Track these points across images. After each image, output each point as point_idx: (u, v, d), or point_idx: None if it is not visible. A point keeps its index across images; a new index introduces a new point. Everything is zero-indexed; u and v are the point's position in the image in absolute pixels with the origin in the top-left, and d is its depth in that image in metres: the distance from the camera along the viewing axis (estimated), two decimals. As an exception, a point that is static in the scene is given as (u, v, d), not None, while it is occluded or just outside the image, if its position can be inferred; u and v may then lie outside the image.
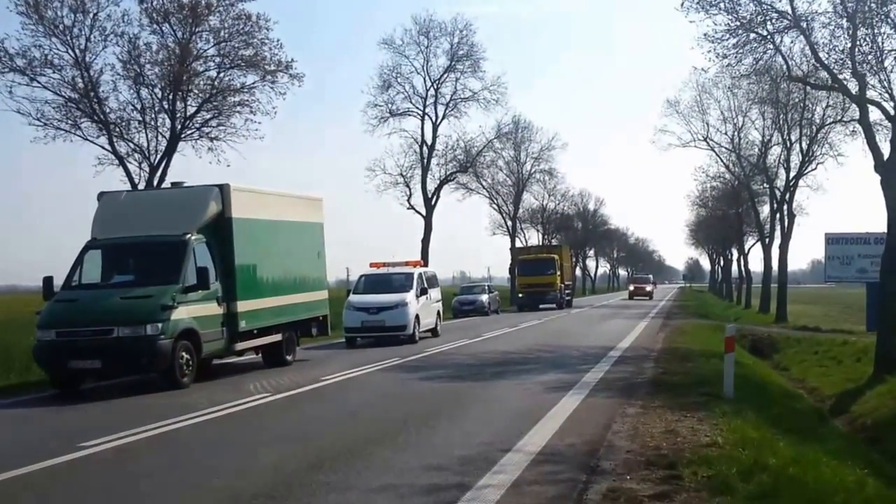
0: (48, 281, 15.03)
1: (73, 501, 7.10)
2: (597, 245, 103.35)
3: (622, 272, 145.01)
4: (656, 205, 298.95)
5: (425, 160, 47.60)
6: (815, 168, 43.17)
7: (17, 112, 24.36)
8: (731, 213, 61.14)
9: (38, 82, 24.45)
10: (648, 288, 73.77)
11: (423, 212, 47.50)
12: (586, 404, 11.63)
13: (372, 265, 26.67)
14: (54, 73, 24.49)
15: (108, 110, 25.48)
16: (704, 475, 7.15)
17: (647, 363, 17.01)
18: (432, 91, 47.51)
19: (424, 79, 47.40)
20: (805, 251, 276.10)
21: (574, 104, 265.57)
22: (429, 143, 47.77)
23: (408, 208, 47.56)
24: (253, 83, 26.46)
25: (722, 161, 51.06)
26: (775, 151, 46.49)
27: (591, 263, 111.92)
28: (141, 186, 25.17)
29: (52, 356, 13.93)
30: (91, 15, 24.34)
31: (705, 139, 48.18)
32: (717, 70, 25.20)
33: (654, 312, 42.55)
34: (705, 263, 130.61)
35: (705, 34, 20.88)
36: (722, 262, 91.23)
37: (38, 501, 7.15)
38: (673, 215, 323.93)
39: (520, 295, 49.92)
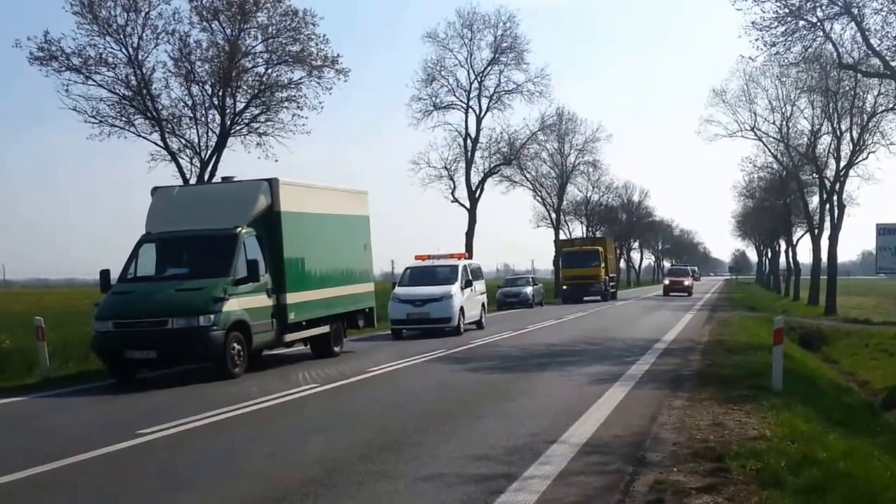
0: (105, 274, 15.36)
1: (134, 486, 7.26)
2: (641, 237, 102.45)
3: (667, 264, 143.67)
4: (702, 196, 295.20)
5: (469, 153, 47.60)
6: (867, 157, 42.35)
7: (73, 110, 24.90)
8: (778, 203, 60.13)
9: (94, 80, 24.97)
10: (687, 282, 59.76)
11: (468, 204, 47.53)
12: (632, 396, 11.58)
13: (417, 258, 26.78)
14: (108, 71, 25.02)
15: (160, 107, 25.94)
16: (753, 468, 7.10)
17: (694, 355, 16.86)
18: (476, 84, 47.50)
19: (468, 71, 47.40)
20: (855, 242, 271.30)
21: (619, 95, 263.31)
22: (473, 135, 47.76)
23: (452, 201, 47.65)
24: (300, 79, 26.75)
25: (770, 151, 50.30)
26: (825, 141, 45.69)
27: (635, 255, 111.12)
28: (192, 181, 25.57)
29: (110, 346, 14.22)
30: (143, 14, 24.80)
31: (752, 129, 47.40)
32: (764, 58, 24.87)
33: (699, 305, 42.12)
34: (752, 255, 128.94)
35: (753, 22, 20.61)
36: (769, 254, 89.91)
37: (100, 486, 7.32)
38: (719, 207, 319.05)
39: (564, 287, 49.72)
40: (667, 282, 61.99)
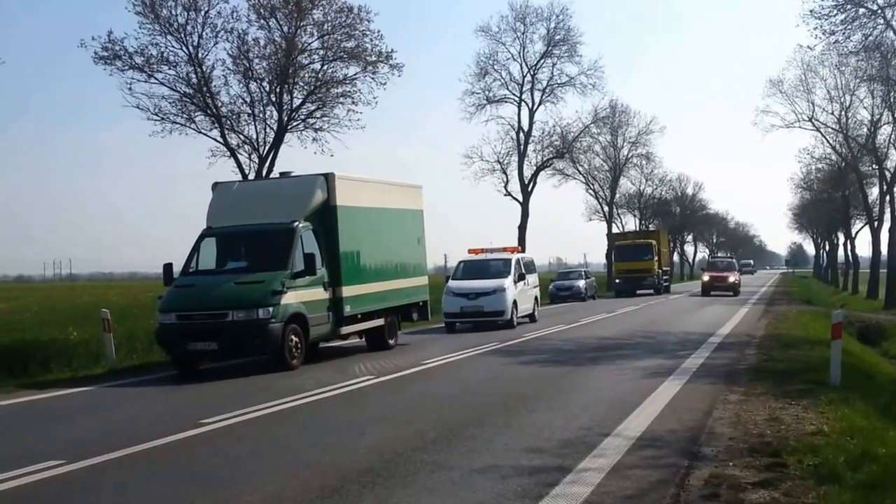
0: (168, 268, 15.71)
1: (197, 474, 7.43)
2: (695, 230, 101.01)
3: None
4: (758, 188, 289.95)
5: (522, 146, 47.52)
6: (928, 147, 41.23)
7: (136, 107, 25.44)
8: (837, 195, 58.89)
9: (156, 79, 25.50)
10: (733, 278, 45.75)
11: (520, 198, 47.46)
12: (686, 390, 11.48)
13: (470, 251, 26.82)
14: (170, 69, 25.51)
15: (219, 104, 26.38)
16: (810, 463, 7.00)
17: (749, 350, 16.63)
18: (529, 77, 47.45)
19: (521, 65, 47.35)
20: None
21: (672, 87, 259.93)
22: (525, 129, 47.69)
23: (505, 195, 47.65)
24: (355, 74, 26.97)
25: (828, 142, 49.25)
26: (885, 131, 44.67)
27: (689, 249, 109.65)
28: (251, 176, 25.94)
29: (173, 338, 14.53)
30: (203, 13, 25.23)
31: (810, 119, 46.46)
32: (823, 47, 24.45)
33: (754, 298, 41.46)
34: (809, 248, 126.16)
35: (811, 10, 20.25)
36: (827, 247, 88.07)
37: (165, 473, 7.51)
38: (775, 199, 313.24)
39: (617, 280, 49.35)
40: (705, 278, 46.46)
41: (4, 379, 13.75)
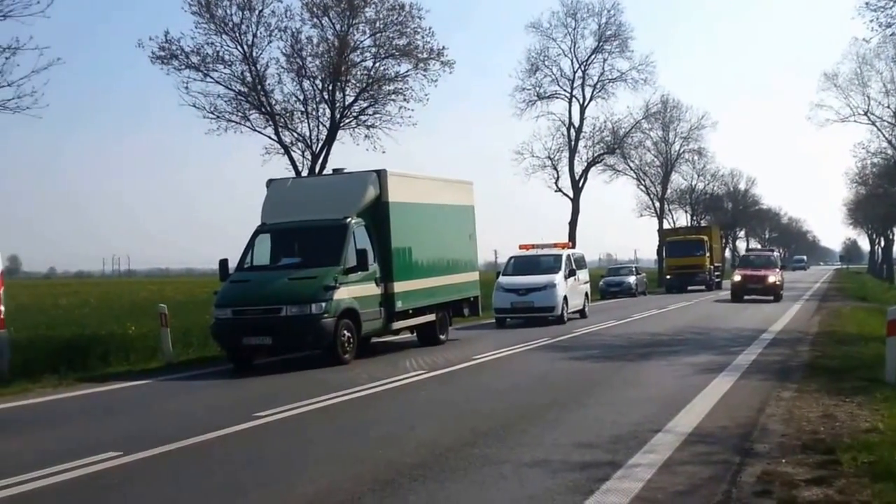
0: (224, 263, 15.92)
1: (252, 466, 7.52)
2: (747, 225, 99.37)
3: (774, 253, 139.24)
4: (812, 183, 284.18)
5: (573, 142, 47.20)
6: None
7: (192, 106, 25.79)
8: (893, 190, 57.39)
9: (211, 77, 25.80)
10: (772, 278, 34.17)
11: (571, 194, 47.16)
12: (738, 386, 11.31)
13: (521, 247, 26.75)
14: (225, 68, 25.80)
15: (273, 102, 26.61)
16: (865, 461, 6.84)
17: (802, 346, 16.32)
18: (580, 73, 47.08)
19: (572, 61, 46.99)
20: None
21: (725, 82, 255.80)
22: (576, 125, 47.35)
23: (555, 191, 47.36)
24: (406, 72, 26.99)
25: (884, 136, 47.88)
26: (944, 125, 43.33)
27: (741, 244, 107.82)
28: (304, 173, 26.16)
29: (228, 333, 14.72)
30: (257, 12, 25.46)
31: (866, 113, 45.31)
32: (879, 40, 23.82)
33: (808, 295, 40.68)
34: (864, 244, 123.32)
35: (867, 2, 19.73)
36: (882, 243, 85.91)
37: (221, 466, 7.61)
38: (829, 194, 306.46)
39: (668, 276, 48.80)
40: (736, 277, 35.09)
41: (65, 372, 14.05)
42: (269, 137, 26.91)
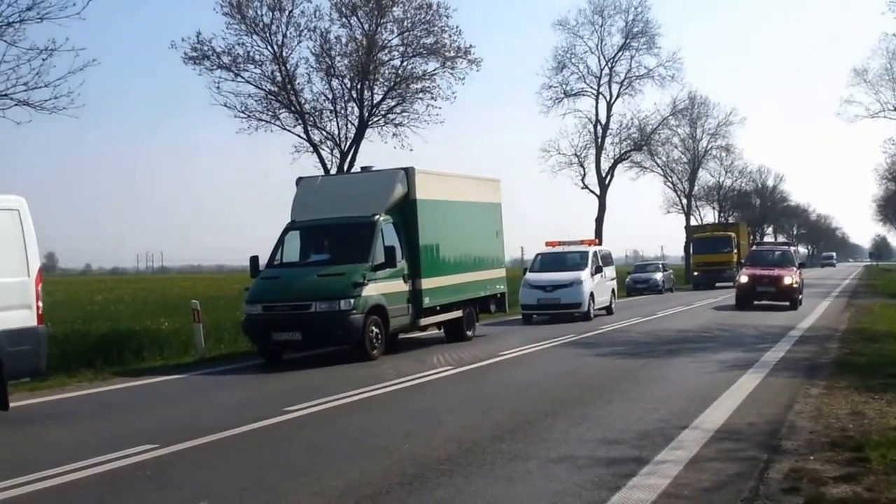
0: (254, 260, 16.04)
1: (282, 458, 7.58)
2: (776, 222, 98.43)
3: (802, 250, 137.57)
4: (841, 180, 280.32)
5: (599, 140, 46.99)
6: None
7: (224, 105, 26.00)
8: (924, 187, 56.54)
9: (242, 77, 26.02)
10: (788, 279, 26.38)
11: (597, 191, 46.94)
12: (766, 383, 11.21)
13: (548, 244, 26.68)
14: (256, 68, 26.01)
15: (303, 101, 26.77)
16: (894, 458, 6.75)
17: (831, 343, 16.14)
18: (606, 70, 46.87)
19: (599, 58, 46.79)
20: None
21: (753, 78, 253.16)
22: (603, 122, 47.16)
23: (582, 188, 47.18)
24: (434, 70, 27.04)
25: (915, 132, 47.22)
26: (975, 121, 42.52)
27: (769, 241, 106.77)
28: (333, 171, 26.28)
29: (259, 328, 14.84)
30: (287, 12, 25.65)
31: (896, 109, 44.58)
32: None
33: (836, 292, 40.19)
34: (894, 240, 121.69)
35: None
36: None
37: (252, 458, 7.68)
38: (859, 190, 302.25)
39: (695, 273, 48.44)
40: (743, 278, 27.41)
41: (101, 366, 14.25)
42: (299, 136, 27.10)
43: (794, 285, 25.97)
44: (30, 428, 9.54)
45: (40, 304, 10.22)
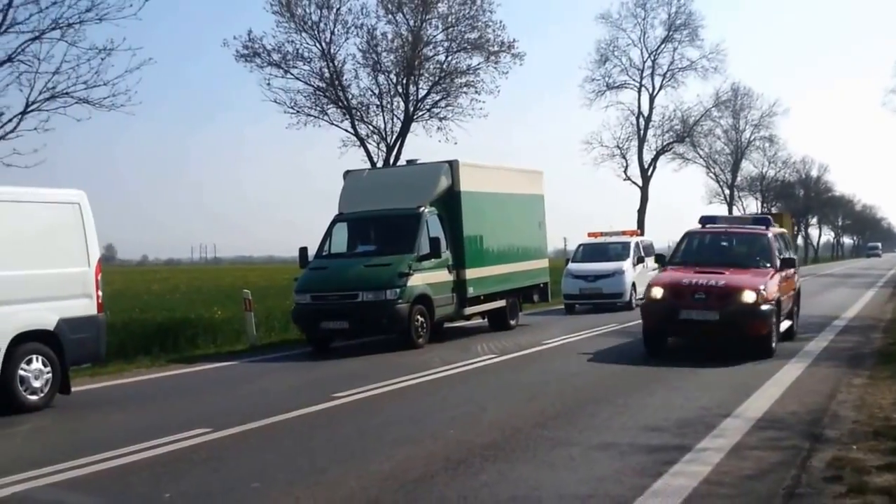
0: (303, 251, 16.19)
1: (331, 442, 7.66)
2: (820, 213, 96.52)
3: (847, 240, 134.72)
4: (887, 170, 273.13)
5: (642, 131, 46.52)
6: None
7: (274, 101, 26.26)
8: (971, 177, 54.98)
9: (291, 74, 26.26)
10: (748, 294, 12.02)
11: (640, 182, 46.51)
12: (809, 373, 11.03)
13: (590, 235, 26.50)
14: (304, 65, 26.24)
15: (350, 96, 26.93)
16: (938, 448, 6.61)
17: (875, 333, 15.81)
18: (649, 62, 46.36)
19: (641, 51, 46.28)
20: None
21: (797, 68, 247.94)
22: (645, 114, 46.67)
23: (624, 179, 46.75)
24: (478, 64, 27.01)
25: (961, 122, 45.90)
26: None
27: (813, 232, 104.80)
28: (379, 165, 26.39)
29: (308, 317, 14.98)
30: (335, 10, 25.80)
31: (943, 98, 43.24)
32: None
33: (881, 282, 39.30)
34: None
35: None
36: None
37: (302, 442, 7.77)
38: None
39: (738, 263, 47.62)
40: (656, 292, 12.80)
41: (157, 353, 14.51)
42: (346, 130, 27.27)
43: (763, 306, 12.20)
44: (90, 411, 9.76)
45: (100, 293, 10.46)
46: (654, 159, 47.46)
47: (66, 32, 15.58)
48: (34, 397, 9.59)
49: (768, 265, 13.35)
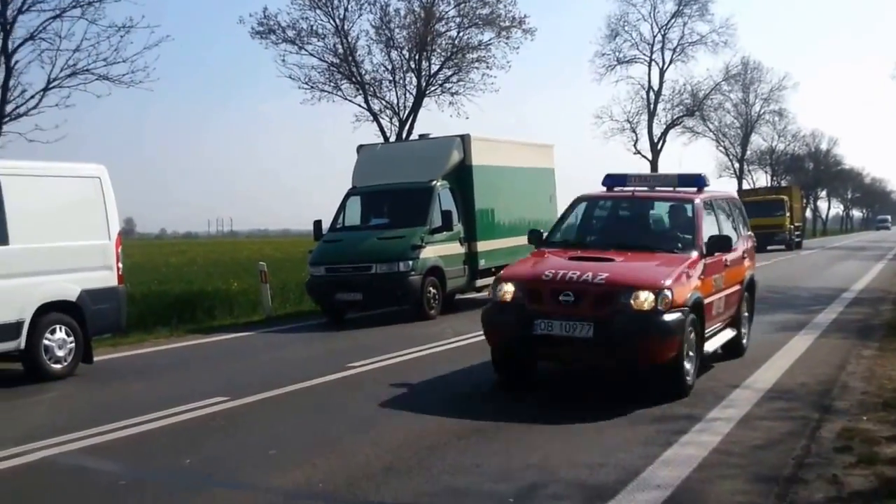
0: (318, 224, 16.19)
1: (345, 412, 7.68)
2: (829, 186, 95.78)
3: (856, 213, 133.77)
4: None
5: (652, 106, 46.21)
6: None
7: (289, 77, 26.12)
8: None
9: (306, 50, 26.00)
10: (643, 295, 7.44)
11: (650, 156, 46.24)
12: (818, 345, 10.97)
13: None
14: (319, 41, 25.94)
15: (363, 72, 26.68)
16: (947, 419, 6.57)
17: (885, 305, 15.71)
18: (659, 37, 46.02)
19: (651, 25, 45.92)
20: None
21: (807, 42, 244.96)
22: (655, 88, 46.31)
23: (634, 153, 46.51)
24: (489, 40, 26.69)
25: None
26: None
27: (822, 205, 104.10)
28: (392, 139, 26.28)
29: (322, 289, 15.00)
30: (348, -14, 25.46)
31: (954, 71, 42.62)
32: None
33: (891, 255, 39.01)
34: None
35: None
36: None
37: (319, 410, 7.81)
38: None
39: (747, 236, 47.42)
40: (504, 289, 8.05)
41: (175, 324, 14.57)
42: (359, 106, 27.06)
43: (666, 315, 7.52)
44: (112, 380, 9.82)
45: (120, 265, 10.50)
46: (664, 133, 47.19)
47: (87, 10, 15.60)
48: (58, 366, 9.67)
49: (691, 248, 8.50)
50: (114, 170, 10.70)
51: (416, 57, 26.64)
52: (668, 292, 7.50)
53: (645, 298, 7.43)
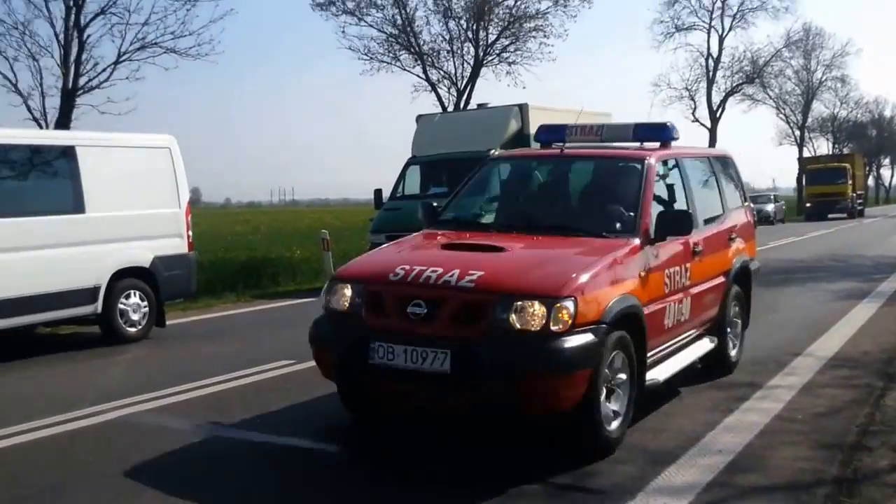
0: (378, 193, 16.28)
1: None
2: (893, 153, 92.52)
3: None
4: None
5: (711, 73, 45.05)
6: None
7: (349, 49, 26.20)
8: None
9: (365, 21, 26.03)
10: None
11: (708, 124, 45.22)
12: (882, 313, 10.70)
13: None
14: (377, 12, 25.95)
15: (421, 42, 26.61)
16: None
17: (950, 274, 15.22)
18: (719, 3, 44.63)
19: (711, -9, 44.52)
20: None
21: (870, 6, 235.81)
22: (714, 55, 45.10)
23: (692, 121, 45.49)
24: (546, 9, 26.35)
25: None
26: None
27: (885, 172, 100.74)
28: (450, 109, 26.19)
29: (383, 256, 15.07)
30: (407, -42, 25.34)
31: None
32: None
33: (957, 223, 37.74)
34: None
35: None
36: None
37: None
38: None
39: (807, 204, 46.37)
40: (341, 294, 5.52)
41: (241, 290, 14.86)
42: (418, 76, 27.02)
43: (566, 339, 4.73)
44: (184, 343, 10.08)
45: (190, 233, 10.72)
46: (723, 101, 46.03)
47: (156, -16, 15.76)
48: (133, 329, 9.97)
49: (630, 231, 5.72)
50: (181, 140, 10.91)
51: (474, 27, 26.43)
52: (568, 303, 4.74)
53: (532, 312, 4.70)
